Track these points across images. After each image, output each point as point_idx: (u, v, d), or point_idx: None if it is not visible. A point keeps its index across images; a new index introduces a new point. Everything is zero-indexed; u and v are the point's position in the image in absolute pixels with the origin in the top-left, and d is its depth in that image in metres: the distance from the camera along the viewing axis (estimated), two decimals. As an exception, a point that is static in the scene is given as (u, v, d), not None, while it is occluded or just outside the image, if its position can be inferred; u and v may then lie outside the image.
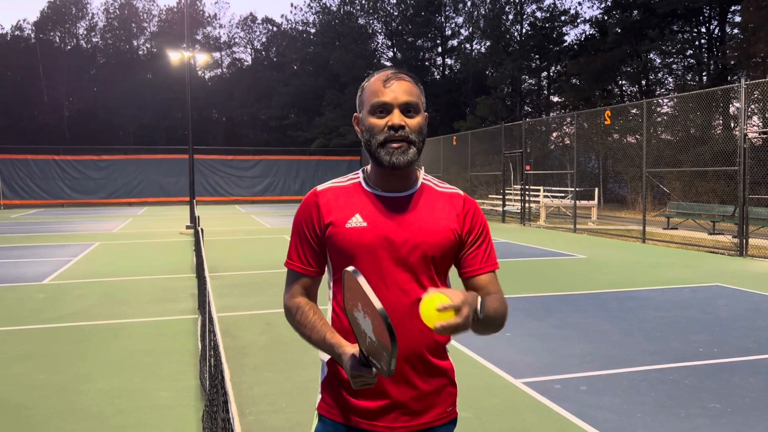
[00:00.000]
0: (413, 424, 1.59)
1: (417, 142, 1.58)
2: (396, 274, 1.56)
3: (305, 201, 1.66)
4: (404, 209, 1.60)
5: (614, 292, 7.90)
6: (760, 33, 24.08)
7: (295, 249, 1.66)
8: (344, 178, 1.69)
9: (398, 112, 1.55)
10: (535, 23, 40.23)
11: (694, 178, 20.10)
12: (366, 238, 1.56)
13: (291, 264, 1.66)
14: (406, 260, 1.57)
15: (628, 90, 35.34)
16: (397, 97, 1.55)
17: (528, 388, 4.37)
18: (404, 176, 1.61)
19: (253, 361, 5.07)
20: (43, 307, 7.34)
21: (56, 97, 46.58)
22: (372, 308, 1.32)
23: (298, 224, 1.65)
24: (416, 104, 1.58)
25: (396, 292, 1.56)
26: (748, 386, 4.36)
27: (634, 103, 21.44)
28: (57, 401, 4.23)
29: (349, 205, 1.60)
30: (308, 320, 1.59)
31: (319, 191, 1.64)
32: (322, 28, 50.35)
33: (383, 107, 1.55)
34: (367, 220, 1.57)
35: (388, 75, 1.58)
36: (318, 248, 1.63)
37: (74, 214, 26.49)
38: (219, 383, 2.17)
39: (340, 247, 1.58)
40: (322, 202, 1.62)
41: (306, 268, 1.64)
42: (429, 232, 1.58)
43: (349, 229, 1.57)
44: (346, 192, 1.63)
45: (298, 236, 1.65)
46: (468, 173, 23.32)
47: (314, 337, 1.56)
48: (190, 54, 19.16)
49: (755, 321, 6.29)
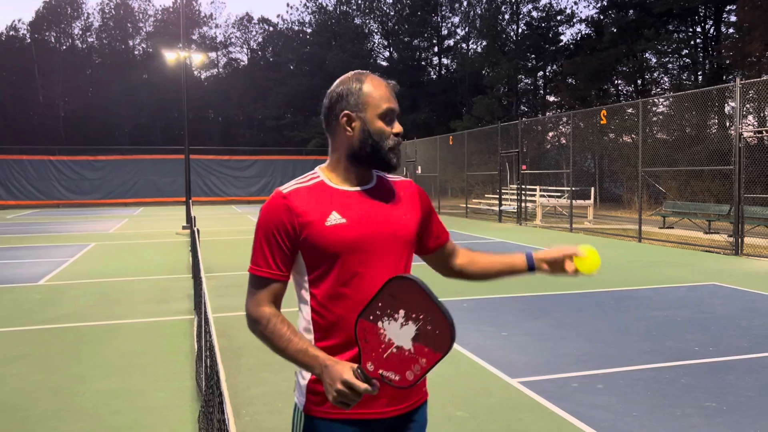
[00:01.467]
0: (402, 407, 1.65)
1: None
2: (380, 265, 1.61)
3: (272, 204, 1.62)
4: (374, 201, 1.66)
5: (610, 292, 7.92)
6: (755, 32, 24.15)
7: (262, 254, 1.61)
8: (304, 179, 1.68)
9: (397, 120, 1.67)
10: (531, 23, 40.31)
11: (689, 177, 20.16)
12: (348, 234, 1.58)
13: (259, 270, 1.61)
14: (388, 250, 1.63)
15: (624, 89, 35.44)
16: (397, 107, 1.67)
17: (524, 388, 4.37)
18: (367, 172, 1.69)
19: (249, 361, 5.07)
20: (38, 308, 7.32)
21: (52, 97, 46.48)
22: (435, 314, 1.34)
23: (266, 228, 1.60)
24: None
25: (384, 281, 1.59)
26: (744, 385, 4.37)
27: (630, 103, 21.49)
28: (53, 402, 4.22)
29: (323, 204, 1.61)
30: (282, 331, 1.57)
31: (286, 193, 1.62)
32: (318, 27, 50.35)
33: (392, 114, 1.64)
34: (345, 216, 1.60)
35: (387, 82, 1.65)
36: (289, 252, 1.61)
37: (70, 214, 26.43)
38: (214, 384, 2.16)
39: (322, 247, 1.58)
40: (293, 203, 1.60)
41: (276, 273, 1.61)
42: (402, 220, 1.68)
43: (330, 227, 1.58)
44: (313, 191, 1.63)
45: (267, 241, 1.61)
46: (464, 173, 23.34)
47: (291, 348, 1.55)
48: (186, 54, 19.13)
49: (751, 320, 6.31)
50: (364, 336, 1.43)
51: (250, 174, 35.45)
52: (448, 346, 1.35)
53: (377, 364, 1.41)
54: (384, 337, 1.39)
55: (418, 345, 1.37)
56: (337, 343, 1.58)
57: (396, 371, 1.39)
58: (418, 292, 1.37)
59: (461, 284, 8.17)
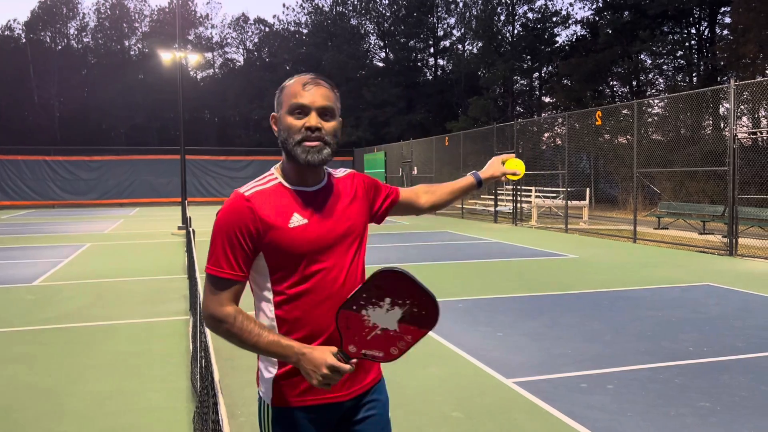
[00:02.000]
0: (359, 387, 1.76)
1: (331, 144, 1.68)
2: (343, 260, 1.71)
3: (234, 206, 1.64)
4: (329, 200, 1.74)
5: (605, 292, 7.94)
6: (749, 34, 24.24)
7: (224, 255, 1.63)
8: (262, 181, 1.72)
9: (315, 114, 1.65)
10: (527, 24, 40.35)
11: (684, 178, 20.21)
12: (311, 233, 1.66)
13: (219, 271, 1.64)
14: (346, 245, 1.73)
15: (619, 91, 35.50)
16: (315, 101, 1.65)
17: (519, 388, 4.38)
18: (317, 171, 1.73)
19: (244, 362, 5.06)
20: (32, 308, 7.30)
21: (47, 97, 46.29)
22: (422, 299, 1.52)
23: (228, 230, 1.63)
24: (332, 109, 1.68)
25: (348, 277, 1.71)
26: (738, 385, 4.39)
27: (625, 104, 21.54)
28: (46, 403, 4.21)
29: (283, 206, 1.66)
30: (250, 327, 1.61)
31: (248, 195, 1.65)
32: (314, 28, 50.29)
33: (301, 109, 1.65)
34: (306, 217, 1.67)
35: (308, 79, 1.67)
36: (250, 254, 1.65)
37: (65, 215, 26.35)
38: (209, 384, 2.16)
39: (286, 248, 1.63)
40: (257, 206, 1.63)
41: (237, 273, 1.64)
42: (354, 214, 1.77)
43: (293, 228, 1.64)
44: (273, 193, 1.68)
45: (230, 242, 1.63)
46: (460, 174, 23.28)
47: (263, 341, 1.60)
48: (182, 54, 19.10)
49: (745, 320, 6.34)
50: (345, 324, 1.55)
51: (246, 174, 35.39)
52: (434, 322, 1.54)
53: (360, 346, 1.56)
54: (368, 322, 1.54)
55: (404, 325, 1.55)
56: (301, 337, 1.65)
57: (380, 349, 1.56)
58: (405, 281, 1.51)
59: (457, 286, 8.20)
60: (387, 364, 1.64)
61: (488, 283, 8.55)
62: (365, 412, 1.78)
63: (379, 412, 1.81)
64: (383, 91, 42.48)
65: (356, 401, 1.76)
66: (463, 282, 8.70)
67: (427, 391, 4.37)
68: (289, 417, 1.68)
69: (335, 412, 1.73)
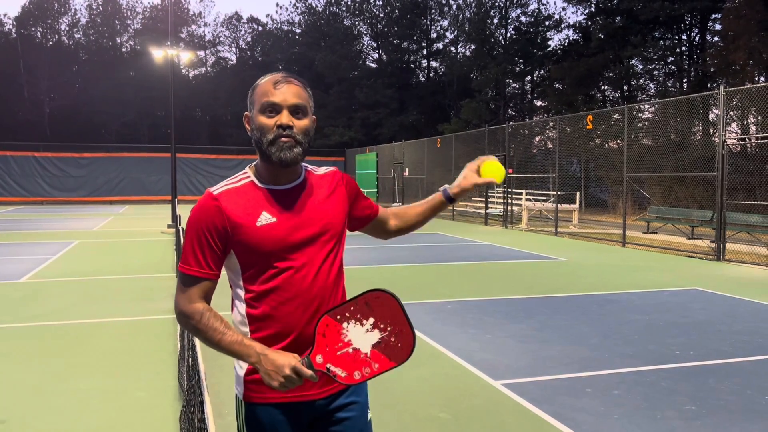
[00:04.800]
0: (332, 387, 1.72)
1: (303, 143, 1.67)
2: (315, 258, 1.68)
3: (203, 205, 1.66)
4: (301, 198, 1.71)
5: (594, 295, 7.97)
6: (739, 41, 24.44)
7: (193, 253, 1.66)
8: (234, 179, 1.73)
9: (287, 113, 1.64)
10: (520, 28, 40.51)
11: (673, 183, 20.34)
12: (279, 232, 1.65)
13: (189, 269, 1.66)
14: (320, 243, 1.70)
15: (610, 95, 35.70)
16: (287, 99, 1.64)
17: (507, 390, 4.39)
18: (291, 169, 1.71)
19: (232, 361, 5.03)
20: (19, 306, 7.24)
21: (37, 93, 45.93)
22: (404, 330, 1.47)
23: (198, 229, 1.65)
24: (304, 107, 1.67)
25: (318, 275, 1.68)
26: (723, 389, 4.42)
27: (616, 108, 21.67)
28: (32, 401, 4.18)
29: (252, 205, 1.66)
30: (215, 325, 1.64)
31: (216, 194, 1.67)
32: (307, 28, 50.23)
33: (273, 107, 1.64)
34: (274, 215, 1.66)
35: (279, 78, 1.67)
36: (220, 252, 1.66)
37: (54, 211, 26.16)
38: (196, 383, 2.16)
39: (254, 246, 1.64)
40: (225, 205, 1.65)
41: (206, 271, 1.66)
42: (330, 212, 1.74)
43: (261, 227, 1.64)
44: (243, 192, 1.68)
45: (198, 241, 1.65)
46: (452, 175, 23.37)
47: (226, 340, 1.62)
48: (174, 52, 19.02)
49: (731, 325, 6.39)
50: (323, 330, 1.54)
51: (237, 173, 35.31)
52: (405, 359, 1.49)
53: (326, 358, 1.53)
54: (345, 337, 1.51)
55: (376, 352, 1.50)
56: (271, 334, 1.66)
57: (344, 368, 1.52)
58: (393, 307, 1.48)
59: (446, 287, 8.20)
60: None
61: (477, 285, 8.57)
62: (342, 413, 1.74)
63: (357, 415, 1.77)
64: (376, 92, 42.49)
65: (329, 401, 1.73)
66: (453, 284, 8.72)
67: (415, 392, 4.37)
68: (260, 414, 1.69)
69: (307, 411, 1.71)
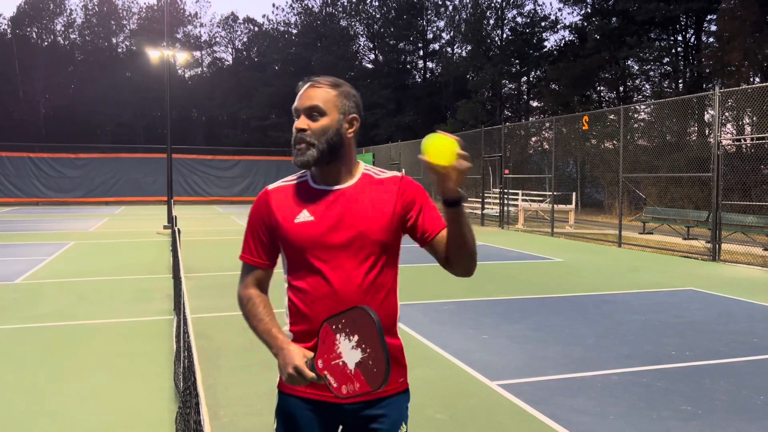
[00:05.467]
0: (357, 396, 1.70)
1: (316, 144, 1.68)
2: (347, 263, 1.69)
3: (257, 199, 1.82)
4: (346, 201, 1.72)
5: (590, 296, 7.99)
6: (734, 42, 24.52)
7: (247, 243, 1.81)
8: (294, 177, 1.83)
9: (303, 117, 1.70)
10: (516, 28, 40.59)
11: (669, 183, 20.39)
12: (314, 231, 1.70)
13: (244, 257, 1.82)
14: (354, 249, 1.70)
15: (606, 96, 35.79)
16: (303, 103, 1.71)
17: (504, 391, 4.40)
18: (339, 171, 1.74)
19: (229, 362, 5.04)
20: (14, 307, 7.21)
21: (32, 94, 45.81)
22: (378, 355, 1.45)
23: (251, 221, 1.81)
24: (319, 108, 1.69)
25: (349, 281, 1.69)
26: (719, 389, 4.43)
27: (612, 109, 21.70)
28: (27, 402, 4.16)
29: (297, 202, 1.75)
30: (257, 311, 1.75)
31: (269, 190, 1.81)
32: (303, 29, 50.20)
33: (296, 112, 1.73)
34: (314, 214, 1.71)
35: (303, 83, 1.75)
36: (269, 243, 1.79)
37: (49, 212, 26.08)
38: (191, 385, 2.15)
39: (291, 242, 1.72)
40: (273, 200, 1.77)
41: (256, 260, 1.80)
42: (370, 218, 1.71)
43: (298, 224, 1.71)
44: (294, 190, 1.78)
45: (251, 232, 1.81)
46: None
47: (260, 327, 1.72)
48: (170, 53, 18.99)
49: (726, 325, 6.40)
50: (324, 338, 1.56)
51: (233, 174, 35.24)
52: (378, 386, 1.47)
53: (325, 366, 1.57)
54: (337, 348, 1.53)
55: (358, 371, 1.50)
56: (304, 330, 1.71)
57: (336, 379, 1.53)
58: (372, 329, 1.47)
59: (443, 288, 8.21)
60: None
61: (474, 286, 8.58)
62: (373, 424, 1.72)
63: (386, 429, 1.73)
64: (372, 92, 42.50)
65: (359, 408, 1.71)
66: (449, 284, 8.72)
67: (412, 393, 4.35)
68: (288, 403, 1.76)
69: (335, 413, 1.72)
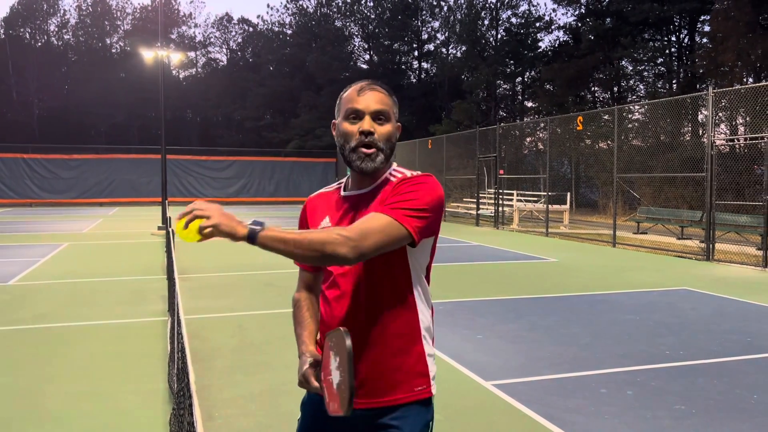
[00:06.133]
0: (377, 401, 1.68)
1: (385, 149, 1.70)
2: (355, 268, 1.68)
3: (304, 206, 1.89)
4: (363, 204, 1.71)
5: (584, 296, 8.00)
6: (727, 42, 24.63)
7: None
8: (334, 184, 1.87)
9: (369, 119, 1.67)
10: (511, 29, 40.64)
11: (663, 183, 20.46)
12: None
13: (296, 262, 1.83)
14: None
15: (601, 96, 35.88)
16: (369, 105, 1.68)
17: (498, 390, 4.40)
18: (373, 177, 1.74)
19: (223, 363, 5.03)
20: (7, 308, 7.18)
21: (26, 94, 45.61)
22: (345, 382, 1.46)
23: (298, 227, 1.83)
24: (387, 113, 1.70)
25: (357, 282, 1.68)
26: (713, 388, 4.45)
27: (606, 110, 21.77)
28: (21, 404, 4.14)
29: (324, 209, 1.79)
30: (298, 314, 1.82)
31: (308, 199, 1.88)
32: (298, 29, 50.13)
33: (356, 114, 1.68)
34: (333, 220, 1.74)
35: (363, 85, 1.71)
36: None
37: (43, 213, 25.98)
38: (185, 386, 2.14)
39: None
40: (308, 208, 1.85)
41: (303, 264, 1.84)
42: None
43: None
44: (327, 197, 1.82)
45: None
46: (443, 177, 23.42)
47: (296, 331, 1.80)
48: (165, 53, 18.94)
49: (720, 324, 6.43)
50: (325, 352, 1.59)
51: (228, 175, 35.17)
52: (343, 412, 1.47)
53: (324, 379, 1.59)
54: (330, 364, 1.55)
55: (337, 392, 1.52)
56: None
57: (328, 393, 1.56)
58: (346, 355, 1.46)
59: (438, 288, 8.21)
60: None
61: (469, 286, 8.58)
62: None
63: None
64: (367, 93, 42.39)
65: (372, 414, 1.68)
66: (444, 284, 8.72)
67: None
68: (309, 399, 1.80)
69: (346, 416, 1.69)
